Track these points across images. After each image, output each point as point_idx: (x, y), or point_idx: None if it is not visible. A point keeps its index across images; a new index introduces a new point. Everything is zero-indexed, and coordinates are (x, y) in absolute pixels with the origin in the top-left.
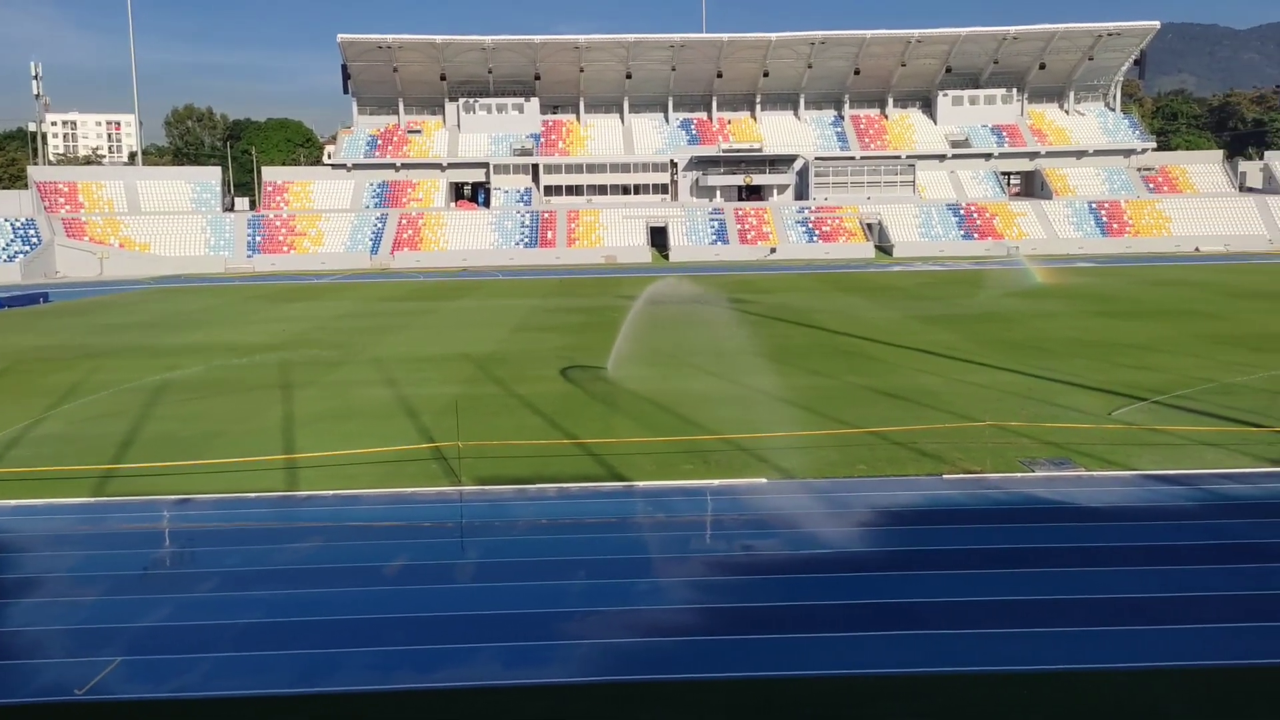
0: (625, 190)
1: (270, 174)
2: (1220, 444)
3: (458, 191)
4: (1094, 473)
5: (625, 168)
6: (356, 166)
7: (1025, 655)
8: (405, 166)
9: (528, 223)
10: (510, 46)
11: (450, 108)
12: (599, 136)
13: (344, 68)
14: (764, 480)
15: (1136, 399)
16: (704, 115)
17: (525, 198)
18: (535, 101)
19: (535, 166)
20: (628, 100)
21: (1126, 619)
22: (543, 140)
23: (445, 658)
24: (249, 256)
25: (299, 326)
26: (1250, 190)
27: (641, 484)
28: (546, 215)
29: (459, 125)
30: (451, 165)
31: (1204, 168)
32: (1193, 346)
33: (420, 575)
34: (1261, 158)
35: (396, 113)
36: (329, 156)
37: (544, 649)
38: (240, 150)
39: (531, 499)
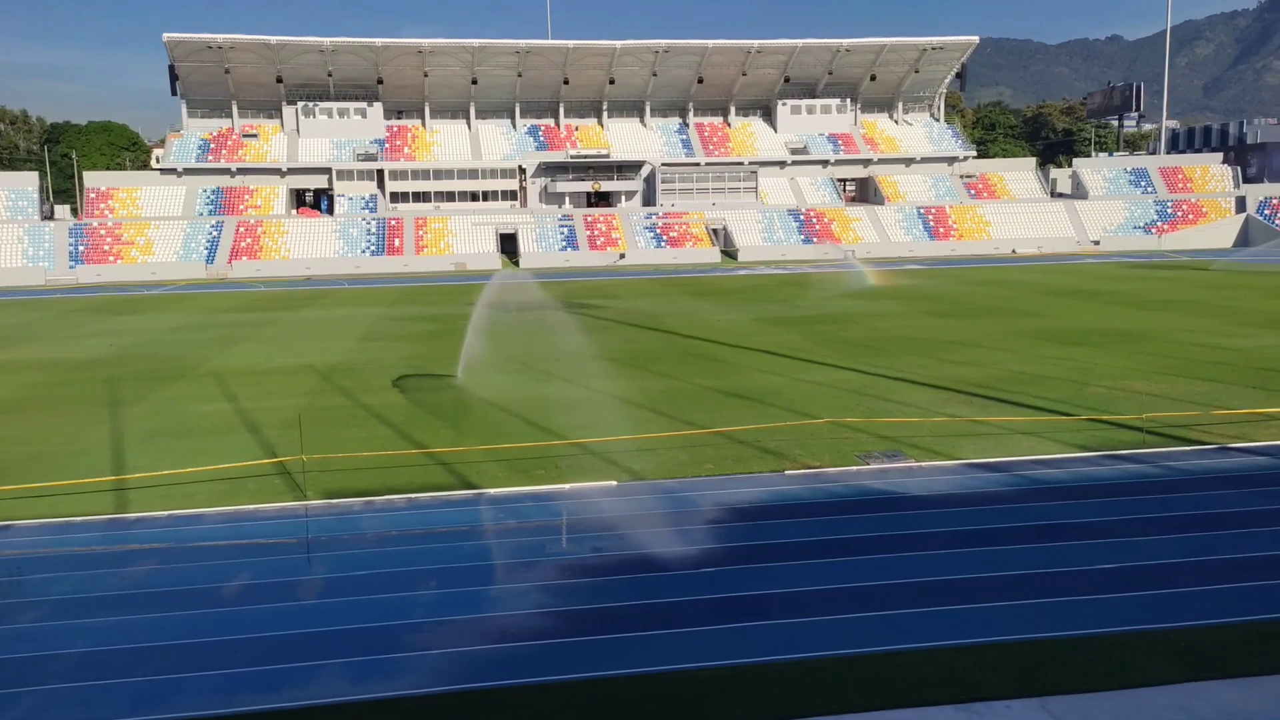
0: (474, 197)
1: (93, 179)
2: (1034, 432)
3: (299, 198)
4: (923, 463)
5: (474, 174)
6: (188, 171)
7: (860, 638)
8: (241, 172)
9: (374, 230)
10: (351, 49)
11: (288, 111)
12: (446, 142)
13: (171, 68)
14: (614, 483)
15: (961, 393)
16: (551, 122)
17: (371, 204)
18: (379, 106)
19: (380, 172)
20: (474, 106)
21: (950, 599)
22: (388, 146)
23: (290, 677)
24: (72, 267)
25: (128, 341)
26: (1060, 196)
27: (492, 491)
28: (393, 222)
29: (298, 129)
30: (292, 171)
31: (1019, 175)
32: (1011, 342)
33: (263, 594)
34: (1070, 165)
35: (230, 116)
36: (158, 161)
37: (392, 662)
38: (59, 155)
39: (380, 511)
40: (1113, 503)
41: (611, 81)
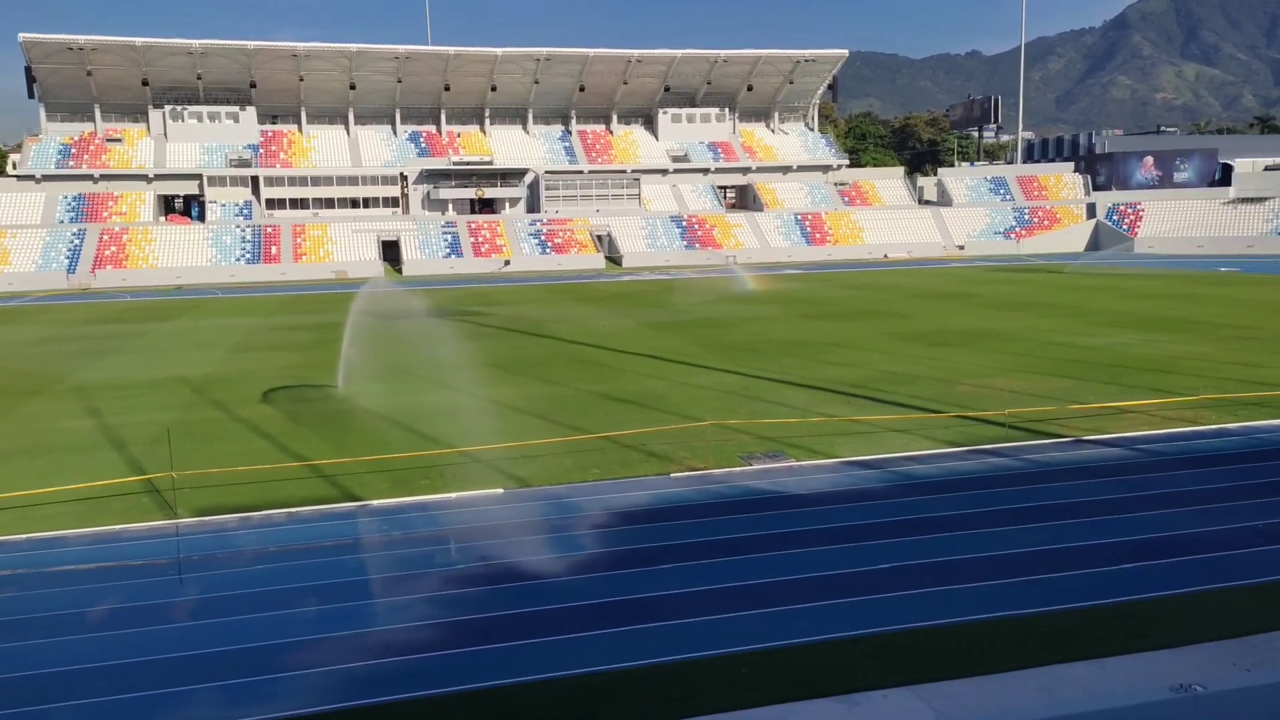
0: (354, 204)
1: None
2: (906, 430)
3: (168, 205)
4: (803, 463)
5: (353, 180)
6: (47, 178)
7: (747, 636)
8: (106, 178)
9: (249, 238)
10: (222, 52)
11: (155, 115)
12: (323, 148)
13: (28, 70)
14: (500, 491)
15: (838, 393)
16: (433, 128)
17: (245, 211)
18: (252, 110)
19: (255, 179)
20: (353, 111)
21: (832, 594)
22: (262, 151)
23: (159, 703)
24: None
25: None
26: (927, 203)
27: (376, 503)
28: (269, 230)
29: (166, 134)
30: (159, 177)
31: (889, 183)
32: (884, 343)
33: (132, 618)
34: (936, 174)
35: (93, 120)
36: (14, 167)
37: (271, 683)
38: None
39: (258, 527)
40: (979, 495)
41: (493, 89)
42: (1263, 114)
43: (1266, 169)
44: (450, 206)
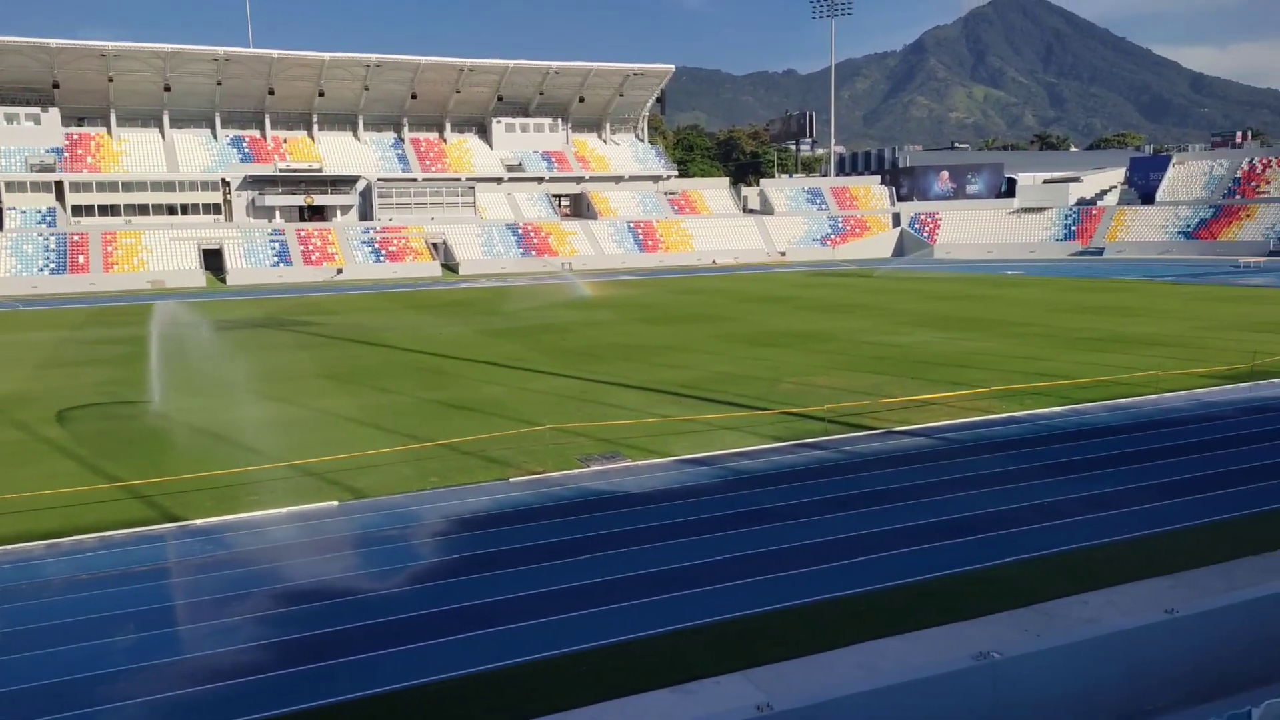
0: (172, 210)
1: None
2: (735, 427)
3: None
4: (639, 462)
5: (170, 186)
6: None
7: (588, 634)
8: None
9: (53, 246)
10: (19, 49)
11: None
12: (136, 152)
13: None
14: (335, 503)
15: (671, 394)
16: (257, 133)
17: (49, 218)
18: (55, 112)
19: (60, 184)
20: (169, 114)
21: (669, 588)
22: (67, 155)
23: None
24: None
25: None
26: (751, 211)
27: (199, 522)
28: (76, 238)
29: None
30: None
31: (716, 192)
32: (713, 345)
33: None
34: (758, 184)
35: None
36: None
37: (86, 717)
38: None
39: (67, 553)
40: (804, 486)
41: (321, 94)
42: (1041, 132)
43: (1045, 182)
44: (278, 214)
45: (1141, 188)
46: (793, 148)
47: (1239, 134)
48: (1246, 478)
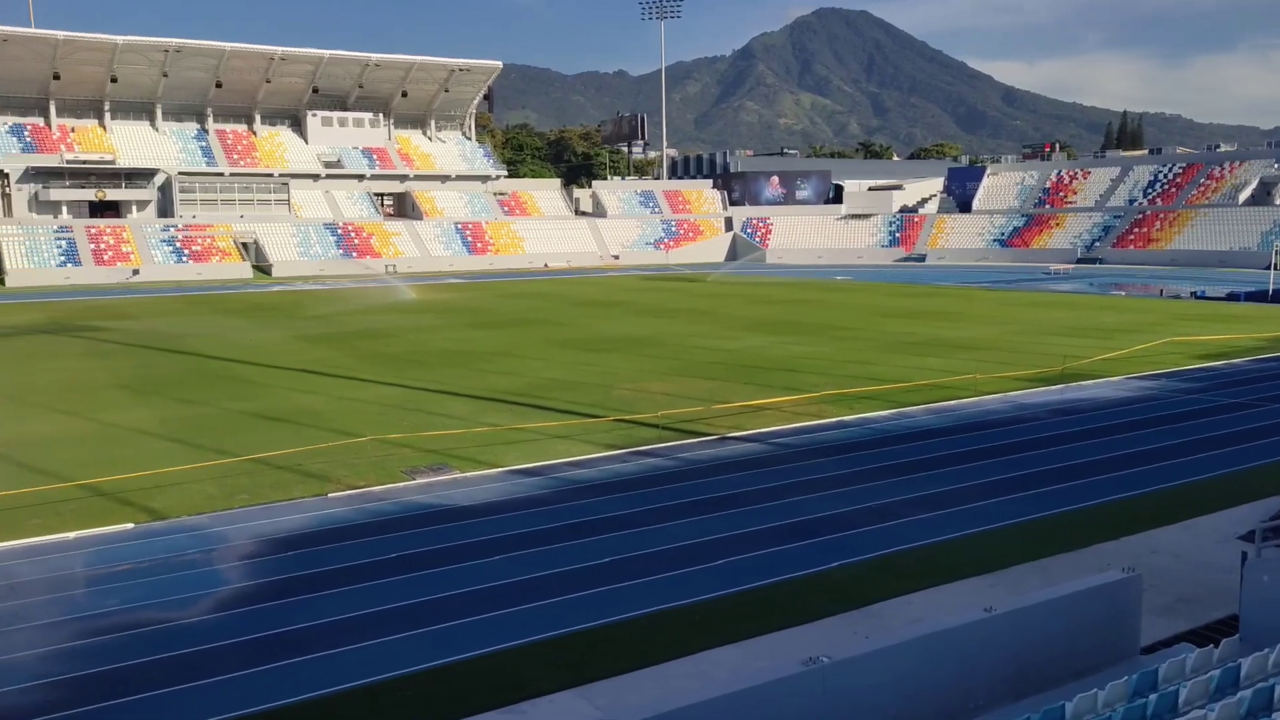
0: None
1: None
2: (568, 435)
3: None
4: (468, 474)
5: None
6: None
7: (413, 657)
8: None
9: None
10: None
11: None
12: None
13: None
14: (130, 525)
15: (501, 401)
16: (40, 121)
17: None
18: None
19: None
20: None
21: (500, 604)
22: None
23: None
24: None
25: None
26: (584, 214)
27: None
28: None
29: None
30: None
31: (547, 194)
32: (544, 351)
33: None
34: (590, 186)
35: None
36: None
37: None
38: None
39: None
40: (639, 495)
41: (114, 80)
42: (866, 140)
43: (870, 189)
44: (65, 209)
45: (959, 197)
46: (625, 150)
47: (1046, 145)
48: (1058, 477)
